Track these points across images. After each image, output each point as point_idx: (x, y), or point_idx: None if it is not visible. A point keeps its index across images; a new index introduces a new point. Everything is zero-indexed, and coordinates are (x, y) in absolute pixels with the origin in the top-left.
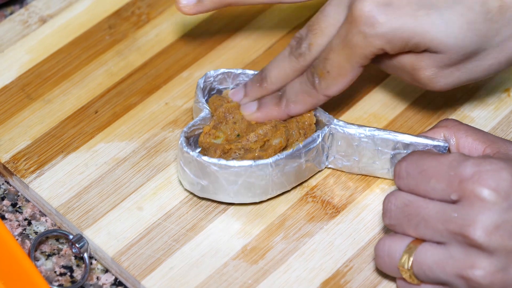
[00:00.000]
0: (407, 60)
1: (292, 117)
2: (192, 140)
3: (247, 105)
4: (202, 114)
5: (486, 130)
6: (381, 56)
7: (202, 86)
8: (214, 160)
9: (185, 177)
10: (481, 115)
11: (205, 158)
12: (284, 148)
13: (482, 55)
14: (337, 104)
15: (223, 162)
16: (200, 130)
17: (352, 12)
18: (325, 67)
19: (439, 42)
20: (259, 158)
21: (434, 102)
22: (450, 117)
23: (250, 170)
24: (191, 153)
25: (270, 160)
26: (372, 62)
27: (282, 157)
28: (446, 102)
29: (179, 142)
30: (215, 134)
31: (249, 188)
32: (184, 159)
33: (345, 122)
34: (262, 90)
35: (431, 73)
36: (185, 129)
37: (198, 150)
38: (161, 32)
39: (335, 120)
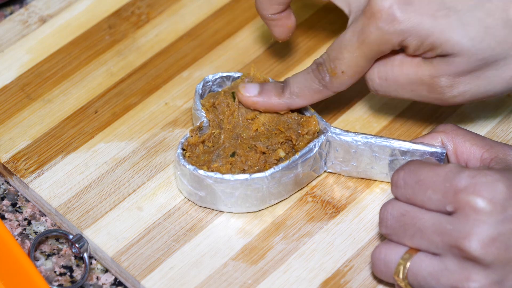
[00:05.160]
0: (425, 69)
1: (292, 110)
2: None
3: (249, 86)
4: (199, 124)
5: (486, 130)
6: (398, 74)
7: (200, 92)
8: (210, 174)
9: (183, 187)
10: (481, 115)
11: (201, 171)
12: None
13: (501, 64)
14: (337, 105)
15: (218, 175)
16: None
17: (371, 7)
18: (339, 66)
19: (454, 43)
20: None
21: None
22: (450, 118)
23: (246, 183)
24: (187, 166)
25: (266, 173)
26: (387, 95)
27: (278, 169)
28: None
29: (176, 154)
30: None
31: (246, 199)
32: (181, 171)
33: (341, 129)
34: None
35: (449, 80)
36: (182, 140)
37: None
38: (161, 32)
39: (331, 128)
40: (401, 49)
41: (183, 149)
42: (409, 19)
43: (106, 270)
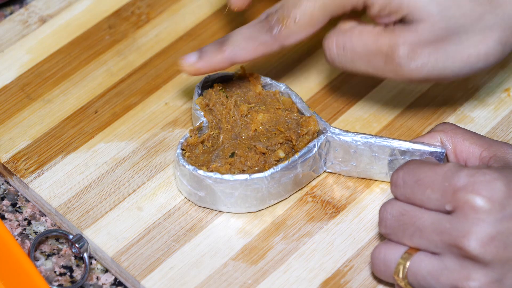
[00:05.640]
0: (385, 37)
1: (233, 63)
2: None
3: (187, 56)
4: (199, 124)
5: (486, 130)
6: (357, 43)
7: (200, 91)
8: (210, 174)
9: (183, 187)
10: (481, 115)
11: (201, 171)
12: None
13: (462, 39)
14: (337, 104)
15: (218, 176)
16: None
17: None
18: (293, 15)
19: (422, 7)
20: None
21: (434, 102)
22: (450, 118)
23: (245, 183)
24: (187, 166)
25: (265, 174)
26: (343, 66)
27: (277, 169)
28: (445, 102)
29: (176, 154)
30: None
31: (246, 199)
32: (180, 171)
33: (341, 129)
34: (220, 53)
35: (409, 50)
36: (181, 140)
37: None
38: (161, 32)
39: (331, 128)
40: (360, 23)
41: (183, 149)
42: None
43: (106, 270)
